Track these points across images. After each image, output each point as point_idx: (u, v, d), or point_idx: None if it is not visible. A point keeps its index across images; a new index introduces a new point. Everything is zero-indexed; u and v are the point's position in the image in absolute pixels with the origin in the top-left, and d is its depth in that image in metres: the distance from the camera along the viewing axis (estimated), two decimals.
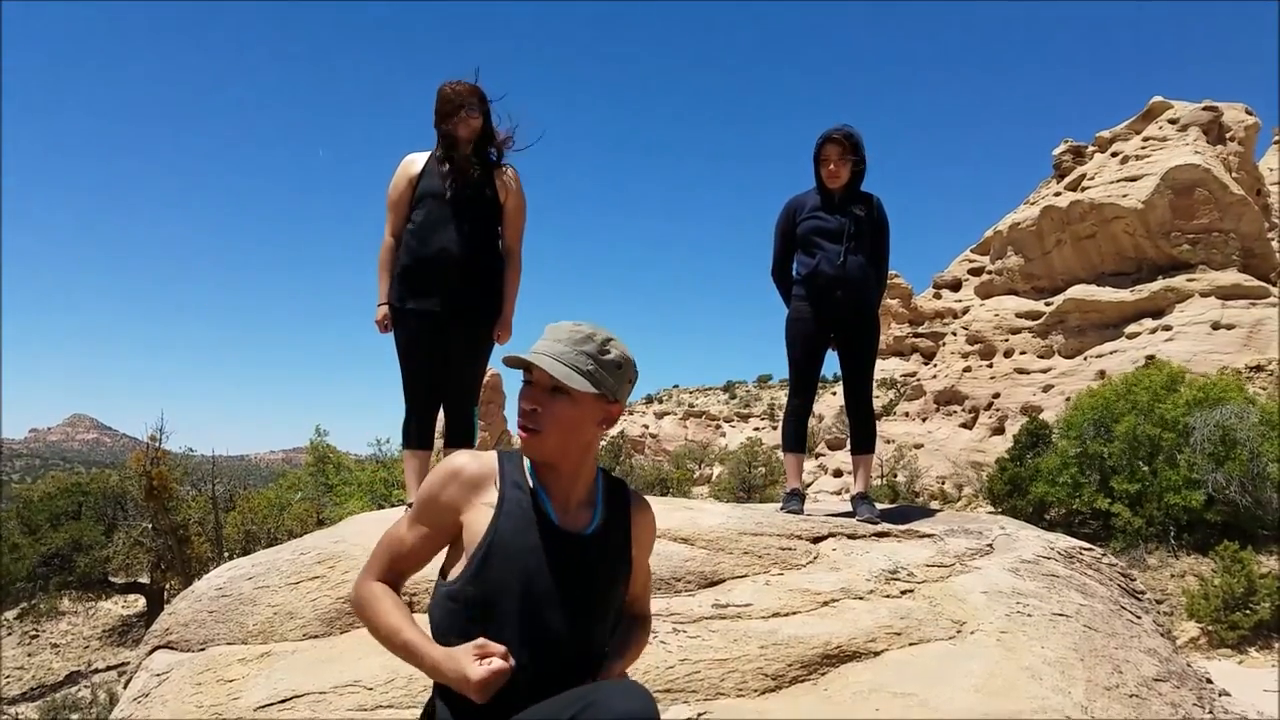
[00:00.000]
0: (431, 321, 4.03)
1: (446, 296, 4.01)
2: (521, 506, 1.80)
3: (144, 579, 16.36)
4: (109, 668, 13.87)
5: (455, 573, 1.80)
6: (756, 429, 63.00)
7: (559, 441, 1.80)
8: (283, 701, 2.72)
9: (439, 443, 4.38)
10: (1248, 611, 11.69)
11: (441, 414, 4.26)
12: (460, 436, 4.23)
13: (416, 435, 4.19)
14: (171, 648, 3.53)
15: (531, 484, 1.84)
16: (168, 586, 15.16)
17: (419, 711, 2.63)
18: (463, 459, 1.86)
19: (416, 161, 4.16)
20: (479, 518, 1.80)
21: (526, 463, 1.87)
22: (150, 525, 15.65)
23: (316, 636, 3.24)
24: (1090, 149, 35.91)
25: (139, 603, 16.72)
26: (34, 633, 15.69)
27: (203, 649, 3.37)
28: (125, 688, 3.65)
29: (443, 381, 4.16)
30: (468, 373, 4.18)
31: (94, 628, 16.23)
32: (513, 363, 1.81)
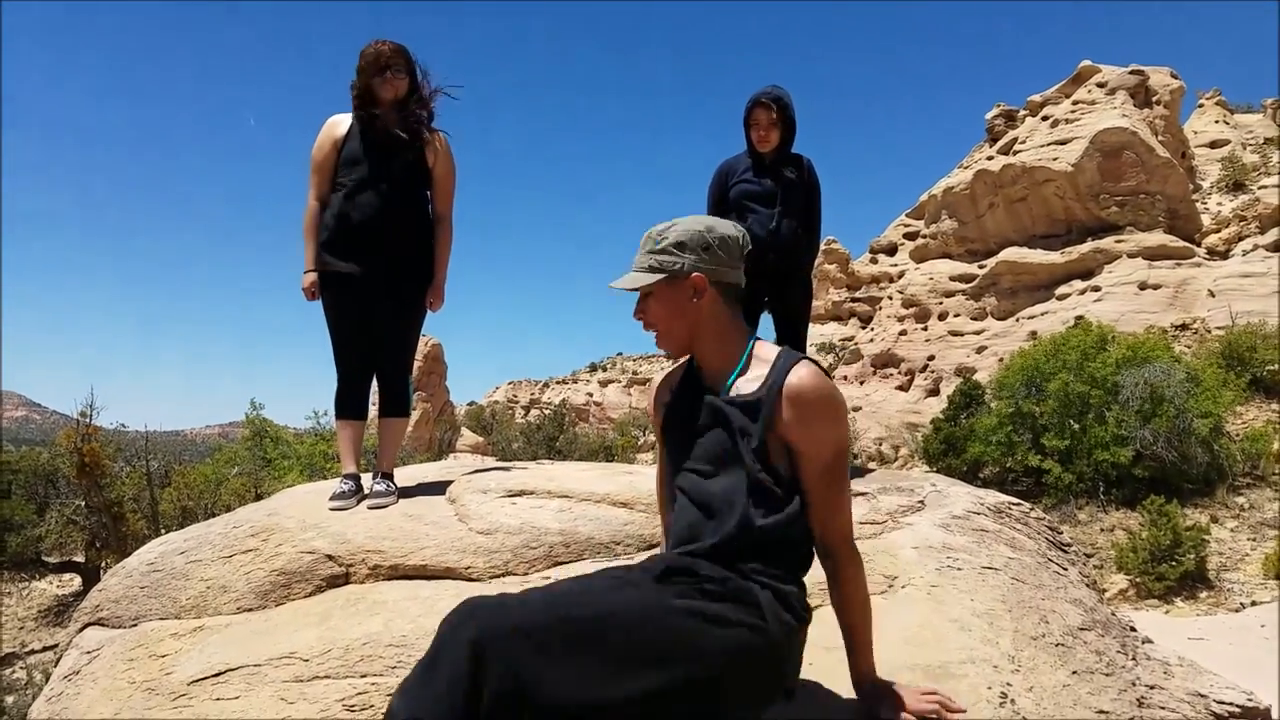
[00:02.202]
0: (359, 287, 3.95)
1: (374, 261, 3.93)
2: (685, 380, 2.24)
3: (79, 557, 15.99)
4: (45, 648, 13.53)
5: None
6: None
7: (670, 331, 2.15)
8: (216, 675, 2.69)
9: (373, 411, 4.33)
10: (1174, 563, 12.02)
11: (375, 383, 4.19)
12: (394, 405, 4.17)
13: (349, 405, 4.12)
14: (103, 624, 3.46)
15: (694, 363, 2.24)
16: (103, 565, 14.82)
17: (355, 681, 2.62)
18: (658, 375, 2.37)
19: (341, 123, 4.04)
20: None
21: None
22: (83, 503, 15.26)
23: (250, 610, 3.20)
24: (1022, 113, 36.36)
25: (74, 582, 16.34)
26: None
27: (134, 625, 3.31)
28: (56, 666, 3.58)
29: (374, 349, 4.08)
30: (399, 340, 4.10)
31: (29, 608, 15.82)
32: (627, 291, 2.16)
